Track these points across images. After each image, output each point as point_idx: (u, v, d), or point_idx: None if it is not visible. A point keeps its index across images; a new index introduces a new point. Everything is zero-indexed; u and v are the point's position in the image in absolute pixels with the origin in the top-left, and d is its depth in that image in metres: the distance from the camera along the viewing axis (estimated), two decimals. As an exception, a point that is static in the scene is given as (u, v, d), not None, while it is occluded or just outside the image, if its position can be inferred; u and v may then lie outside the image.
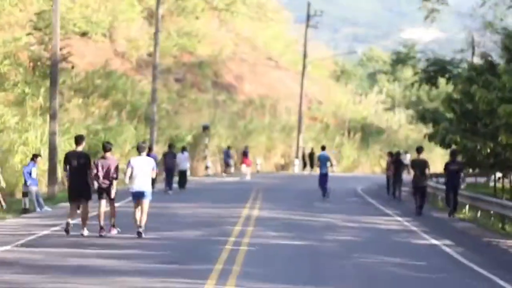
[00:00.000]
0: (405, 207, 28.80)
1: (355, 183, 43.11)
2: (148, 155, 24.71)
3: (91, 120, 42.93)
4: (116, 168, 18.67)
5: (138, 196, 18.41)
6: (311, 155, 54.71)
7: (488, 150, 27.71)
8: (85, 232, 18.60)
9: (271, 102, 63.51)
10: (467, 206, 26.78)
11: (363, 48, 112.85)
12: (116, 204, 19.18)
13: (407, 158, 51.33)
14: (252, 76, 66.75)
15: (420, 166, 25.71)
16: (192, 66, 61.56)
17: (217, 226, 20.88)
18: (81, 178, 18.56)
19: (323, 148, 34.18)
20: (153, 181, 22.50)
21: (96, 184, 18.64)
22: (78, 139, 19.09)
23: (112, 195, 18.64)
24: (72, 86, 46.67)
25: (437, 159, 62.83)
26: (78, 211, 18.81)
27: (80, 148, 18.94)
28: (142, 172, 18.36)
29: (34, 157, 26.13)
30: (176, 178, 35.47)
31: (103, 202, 18.69)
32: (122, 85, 50.22)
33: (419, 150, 26.88)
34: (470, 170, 35.23)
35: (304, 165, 57.08)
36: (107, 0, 55.79)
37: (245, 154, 49.84)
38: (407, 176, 34.72)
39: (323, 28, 79.43)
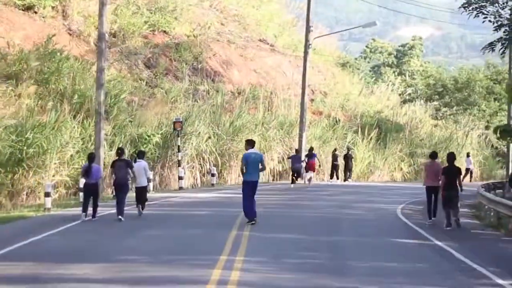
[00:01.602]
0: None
1: (380, 198, 30.86)
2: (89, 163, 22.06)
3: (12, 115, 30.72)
4: None
5: None
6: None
7: None
8: None
9: (266, 93, 51.05)
10: None
11: (358, 47, 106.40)
12: None
13: (470, 163, 39.41)
14: (241, 62, 54.37)
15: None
16: (167, 49, 49.15)
17: None
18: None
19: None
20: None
21: None
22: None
23: None
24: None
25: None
26: None
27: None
28: None
29: None
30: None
31: None
32: (69, 69, 37.79)
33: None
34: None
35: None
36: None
37: (311, 156, 40.81)
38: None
39: (317, 29, 69.80)
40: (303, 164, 40.98)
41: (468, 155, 48.73)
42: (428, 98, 57.97)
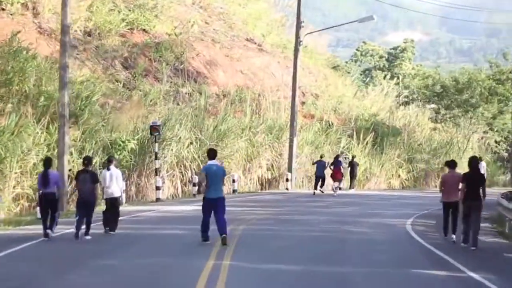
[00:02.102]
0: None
1: (383, 210, 27.17)
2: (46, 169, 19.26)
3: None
4: None
5: None
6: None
7: None
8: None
9: (253, 95, 47.34)
10: None
11: (347, 53, 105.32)
12: None
13: (483, 169, 35.88)
14: (227, 62, 50.63)
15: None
16: (146, 48, 45.30)
17: None
18: None
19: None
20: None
21: None
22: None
23: None
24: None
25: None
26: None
27: None
28: None
29: None
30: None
31: None
32: (35, 69, 34.01)
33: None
34: None
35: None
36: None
37: (337, 163, 37.94)
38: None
39: (307, 29, 66.68)
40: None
41: (480, 160, 44.71)
42: (426, 100, 54.26)
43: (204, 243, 17.47)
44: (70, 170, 29.07)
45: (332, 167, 38.11)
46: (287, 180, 41.26)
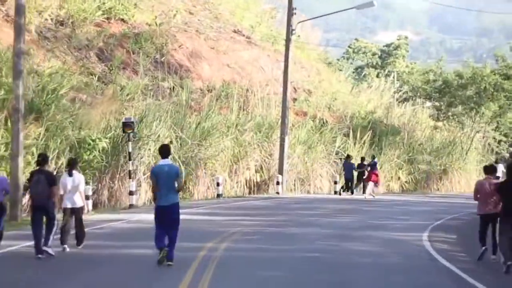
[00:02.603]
0: None
1: (390, 220, 23.37)
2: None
3: None
4: None
5: None
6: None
7: None
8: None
9: (241, 90, 43.49)
10: None
11: (337, 53, 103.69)
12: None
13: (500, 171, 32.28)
14: (213, 55, 46.83)
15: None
16: (125, 39, 41.51)
17: None
18: None
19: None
20: None
21: None
22: None
23: None
24: None
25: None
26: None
27: None
28: None
29: None
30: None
31: None
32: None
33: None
34: None
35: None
36: None
37: (373, 166, 36.27)
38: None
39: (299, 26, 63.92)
40: (355, 173, 36.81)
41: (497, 161, 40.77)
42: (427, 97, 50.35)
43: (176, 267, 13.73)
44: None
45: (367, 169, 36.28)
46: (277, 183, 37.39)
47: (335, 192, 38.63)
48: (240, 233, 19.93)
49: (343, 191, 37.59)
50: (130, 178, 29.68)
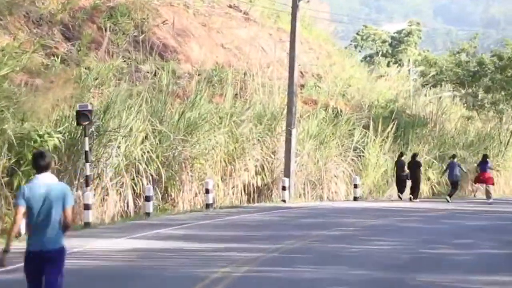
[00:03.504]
0: None
1: (447, 243, 15.96)
2: None
3: None
4: None
5: None
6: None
7: None
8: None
9: (237, 74, 36.36)
10: None
11: (342, 45, 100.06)
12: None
13: None
14: (204, 33, 40.29)
15: None
16: (96, 14, 35.48)
17: None
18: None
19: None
20: None
21: None
22: None
23: None
24: None
25: None
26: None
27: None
28: None
29: None
30: None
31: None
32: None
33: None
34: None
35: None
36: None
37: (484, 165, 33.33)
38: None
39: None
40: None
41: None
42: (458, 81, 42.91)
43: None
44: None
45: (478, 169, 33.35)
46: (283, 188, 29.89)
47: (355, 198, 31.44)
48: (230, 278, 12.55)
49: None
50: (87, 186, 22.28)
